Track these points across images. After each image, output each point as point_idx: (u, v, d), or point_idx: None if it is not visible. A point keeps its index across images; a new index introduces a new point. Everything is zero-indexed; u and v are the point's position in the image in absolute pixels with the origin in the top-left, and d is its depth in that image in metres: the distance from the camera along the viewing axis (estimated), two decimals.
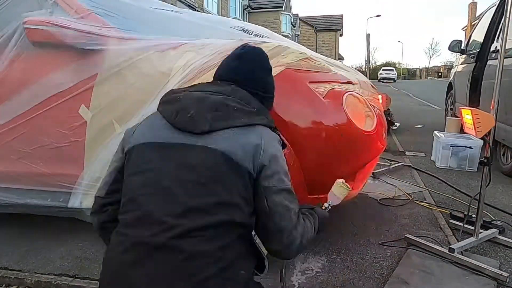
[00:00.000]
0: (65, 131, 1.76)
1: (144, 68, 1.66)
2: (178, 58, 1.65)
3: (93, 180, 1.75)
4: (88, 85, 1.71)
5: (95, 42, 1.70)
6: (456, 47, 4.88)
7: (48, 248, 1.94)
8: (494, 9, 4.07)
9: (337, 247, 1.91)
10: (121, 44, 1.71)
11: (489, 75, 3.63)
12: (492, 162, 1.86)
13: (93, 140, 1.73)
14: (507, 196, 2.74)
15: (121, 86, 1.68)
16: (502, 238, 1.97)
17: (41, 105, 1.76)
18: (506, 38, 1.78)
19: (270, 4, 26.98)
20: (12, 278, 1.68)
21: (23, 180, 1.86)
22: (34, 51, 1.79)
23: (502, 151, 3.40)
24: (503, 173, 3.29)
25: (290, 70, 1.58)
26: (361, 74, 2.57)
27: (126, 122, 1.67)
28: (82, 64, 1.73)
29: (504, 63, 1.78)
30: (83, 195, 1.78)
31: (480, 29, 4.51)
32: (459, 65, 5.17)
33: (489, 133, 1.78)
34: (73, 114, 1.73)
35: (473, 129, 1.76)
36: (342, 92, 1.67)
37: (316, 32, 37.32)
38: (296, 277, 1.63)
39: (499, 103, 1.78)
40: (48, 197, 1.85)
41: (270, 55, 1.57)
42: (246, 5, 25.26)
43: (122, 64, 1.68)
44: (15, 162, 1.85)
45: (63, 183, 1.80)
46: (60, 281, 1.64)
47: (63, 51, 1.74)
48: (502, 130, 3.05)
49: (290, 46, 1.72)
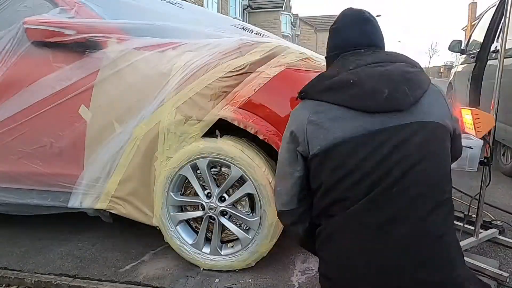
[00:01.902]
0: (65, 131, 1.76)
1: (144, 68, 1.67)
2: (178, 58, 1.65)
3: (93, 180, 1.76)
4: (88, 85, 1.71)
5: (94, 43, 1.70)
6: (456, 47, 4.88)
7: (48, 248, 1.94)
8: (494, 9, 4.07)
9: None
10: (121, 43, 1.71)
11: (489, 75, 3.63)
12: (492, 162, 1.86)
13: (93, 140, 1.74)
14: (507, 196, 2.73)
15: (121, 86, 1.68)
16: (502, 238, 1.97)
17: (41, 105, 1.76)
18: (506, 38, 1.78)
19: (270, 4, 26.96)
20: (12, 278, 1.68)
21: (23, 180, 1.87)
22: (34, 50, 1.79)
23: (502, 151, 3.40)
24: (503, 173, 3.29)
25: (290, 70, 1.58)
26: None
27: (126, 122, 1.68)
28: (82, 63, 1.73)
29: (504, 63, 1.77)
30: (83, 195, 1.79)
31: (480, 29, 4.50)
32: (459, 65, 5.16)
33: (489, 133, 1.78)
34: (73, 114, 1.73)
35: (473, 129, 1.76)
36: None
37: (316, 32, 37.28)
38: (296, 277, 1.63)
39: (499, 103, 1.78)
40: (48, 197, 1.85)
41: (270, 55, 1.58)
42: (246, 5, 25.24)
43: (122, 64, 1.68)
44: (15, 162, 1.85)
45: (63, 183, 1.80)
46: (60, 281, 1.64)
47: (63, 50, 1.74)
48: (502, 130, 3.05)
49: (290, 46, 1.72)
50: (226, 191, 1.63)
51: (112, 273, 1.69)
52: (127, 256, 1.84)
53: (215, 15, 2.91)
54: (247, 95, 1.53)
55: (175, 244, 1.71)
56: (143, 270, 1.71)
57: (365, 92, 0.94)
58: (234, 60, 1.56)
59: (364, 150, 0.93)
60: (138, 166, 1.68)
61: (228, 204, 1.62)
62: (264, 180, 1.53)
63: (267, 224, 1.56)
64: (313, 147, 0.98)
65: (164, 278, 1.64)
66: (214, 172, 1.65)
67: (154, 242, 1.92)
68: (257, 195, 1.55)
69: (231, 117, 1.53)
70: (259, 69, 1.55)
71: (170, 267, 1.73)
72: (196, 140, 1.60)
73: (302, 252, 1.84)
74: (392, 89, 0.94)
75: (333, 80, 1.00)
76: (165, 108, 1.60)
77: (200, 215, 1.67)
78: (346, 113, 0.96)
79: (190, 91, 1.56)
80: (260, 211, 1.56)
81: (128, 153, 1.68)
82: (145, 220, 1.76)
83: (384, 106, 0.93)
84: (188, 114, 1.57)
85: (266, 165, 1.57)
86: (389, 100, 0.93)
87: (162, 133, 1.62)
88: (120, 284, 1.61)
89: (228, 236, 1.70)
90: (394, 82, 0.95)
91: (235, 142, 1.58)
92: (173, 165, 1.62)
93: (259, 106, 1.53)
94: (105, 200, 1.77)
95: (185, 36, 1.77)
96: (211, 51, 1.62)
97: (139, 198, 1.74)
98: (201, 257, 1.68)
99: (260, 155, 1.59)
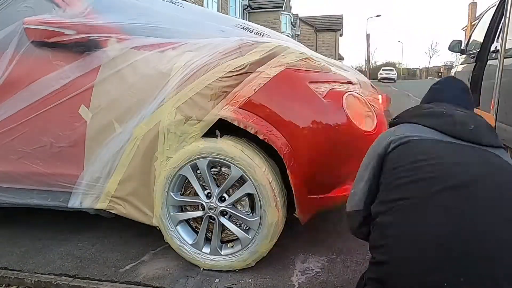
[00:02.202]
0: (65, 131, 1.76)
1: (144, 68, 1.67)
2: (178, 58, 1.65)
3: (93, 180, 1.76)
4: (88, 85, 1.71)
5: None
6: (456, 47, 4.87)
7: (48, 248, 1.94)
8: (494, 9, 4.07)
9: (337, 247, 1.91)
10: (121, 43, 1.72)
11: (489, 75, 3.63)
12: None
13: (93, 140, 1.74)
14: None
15: (121, 86, 1.68)
16: None
17: (41, 105, 1.76)
18: (506, 38, 1.78)
19: (270, 4, 26.95)
20: (12, 278, 1.68)
21: (23, 180, 1.87)
22: (33, 50, 1.79)
23: None
24: None
25: (290, 70, 1.59)
26: (361, 74, 2.57)
27: (126, 122, 1.68)
28: (82, 62, 1.73)
29: (504, 63, 1.78)
30: (83, 195, 1.79)
31: (480, 29, 4.50)
32: (459, 65, 5.16)
33: None
34: (73, 114, 1.74)
35: None
36: (342, 92, 1.67)
37: (316, 32, 37.30)
38: (296, 277, 1.63)
39: (499, 103, 1.79)
40: (48, 197, 1.86)
41: (270, 55, 1.58)
42: (246, 5, 25.23)
43: (122, 63, 1.68)
44: (15, 162, 1.85)
45: (63, 183, 1.80)
46: (60, 281, 1.64)
47: (63, 50, 1.74)
48: (502, 130, 3.05)
49: (290, 46, 1.72)
50: (226, 191, 1.63)
51: (112, 273, 1.69)
52: (127, 256, 1.84)
53: (219, 16, 2.89)
54: (247, 95, 1.53)
55: (175, 244, 1.71)
56: (143, 270, 1.71)
57: (455, 121, 1.07)
58: (234, 60, 1.56)
59: (445, 146, 1.03)
60: (138, 166, 1.68)
61: (228, 204, 1.62)
62: (264, 180, 1.53)
63: (267, 224, 1.56)
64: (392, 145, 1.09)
65: (164, 278, 1.64)
66: (214, 172, 1.65)
67: (154, 242, 1.92)
68: (257, 195, 1.55)
69: (231, 117, 1.53)
70: (259, 69, 1.55)
71: (170, 267, 1.73)
72: (196, 140, 1.60)
73: (302, 252, 1.84)
74: (478, 126, 1.06)
75: (426, 110, 1.15)
76: (165, 108, 1.60)
77: (200, 215, 1.67)
78: (435, 132, 1.06)
79: (190, 91, 1.56)
80: (260, 211, 1.56)
81: (128, 153, 1.68)
82: (145, 220, 1.76)
83: (469, 136, 1.03)
84: (188, 114, 1.57)
85: (266, 165, 1.57)
86: (474, 132, 1.04)
87: (162, 133, 1.62)
88: (120, 284, 1.61)
89: (228, 236, 1.70)
90: (478, 123, 1.08)
91: (235, 142, 1.58)
92: (173, 165, 1.62)
93: (259, 106, 1.53)
94: (105, 200, 1.77)
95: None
96: (211, 51, 1.62)
97: (139, 198, 1.74)
98: (201, 257, 1.68)
99: (260, 155, 1.60)
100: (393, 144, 1.08)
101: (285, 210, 1.63)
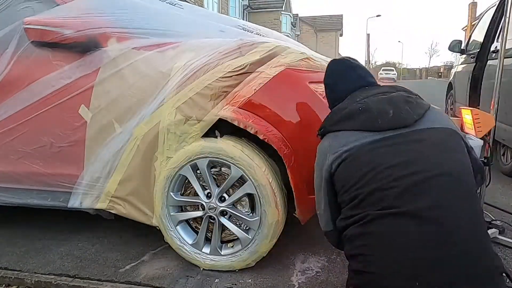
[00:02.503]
0: (65, 131, 1.76)
1: (144, 68, 1.67)
2: (178, 58, 1.65)
3: (93, 180, 1.76)
4: (88, 85, 1.71)
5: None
6: (456, 47, 4.87)
7: (48, 248, 1.94)
8: (494, 9, 4.07)
9: None
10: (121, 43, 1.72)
11: (489, 75, 3.63)
12: (492, 162, 1.86)
13: (93, 140, 1.73)
14: (507, 196, 2.73)
15: (121, 86, 1.68)
16: (502, 238, 1.97)
17: (41, 105, 1.76)
18: (506, 38, 1.78)
19: (270, 4, 26.97)
20: (12, 278, 1.68)
21: (23, 180, 1.87)
22: (33, 50, 1.79)
23: (502, 151, 3.40)
24: (503, 173, 3.29)
25: (290, 70, 1.59)
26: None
27: (126, 122, 1.68)
28: (82, 62, 1.73)
29: (504, 63, 1.78)
30: (83, 195, 1.79)
31: (480, 29, 4.50)
32: (459, 65, 5.16)
33: (489, 133, 1.78)
34: (73, 114, 1.74)
35: (473, 129, 1.76)
36: None
37: (316, 32, 37.30)
38: (296, 277, 1.63)
39: (499, 103, 1.78)
40: (48, 197, 1.86)
41: (270, 55, 1.58)
42: (246, 5, 25.25)
43: (122, 63, 1.68)
44: (15, 162, 1.85)
45: (63, 183, 1.80)
46: (60, 281, 1.64)
47: (62, 50, 1.74)
48: (502, 130, 3.05)
49: (290, 45, 1.72)
50: (226, 191, 1.63)
51: (112, 273, 1.69)
52: (127, 256, 1.84)
53: (221, 17, 2.89)
54: (247, 95, 1.53)
55: (175, 244, 1.71)
56: (143, 270, 1.71)
57: (373, 115, 1.07)
58: (234, 60, 1.56)
59: (381, 148, 1.03)
60: (138, 166, 1.68)
61: (228, 204, 1.62)
62: (264, 180, 1.53)
63: (267, 224, 1.56)
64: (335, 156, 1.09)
65: (164, 278, 1.64)
66: (214, 172, 1.65)
67: (154, 242, 1.92)
68: (257, 195, 1.55)
69: (231, 117, 1.53)
70: (259, 69, 1.55)
71: (170, 267, 1.73)
72: (196, 140, 1.60)
73: (302, 252, 1.84)
74: (396, 110, 1.06)
75: (343, 112, 1.14)
76: (165, 108, 1.60)
77: (200, 215, 1.67)
78: (360, 135, 1.07)
79: (190, 91, 1.56)
80: (260, 211, 1.56)
81: (128, 153, 1.68)
82: (145, 220, 1.76)
83: (391, 123, 1.04)
84: (188, 114, 1.57)
85: (266, 165, 1.57)
86: (395, 118, 1.04)
87: (162, 133, 1.62)
88: (120, 284, 1.61)
89: (228, 236, 1.70)
90: (397, 104, 1.08)
91: (235, 142, 1.58)
92: (173, 165, 1.62)
93: (259, 106, 1.53)
94: (105, 200, 1.77)
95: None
96: (211, 51, 1.62)
97: (139, 198, 1.74)
98: (201, 257, 1.68)
99: (260, 155, 1.59)
100: (334, 164, 1.09)
101: (285, 210, 1.63)
